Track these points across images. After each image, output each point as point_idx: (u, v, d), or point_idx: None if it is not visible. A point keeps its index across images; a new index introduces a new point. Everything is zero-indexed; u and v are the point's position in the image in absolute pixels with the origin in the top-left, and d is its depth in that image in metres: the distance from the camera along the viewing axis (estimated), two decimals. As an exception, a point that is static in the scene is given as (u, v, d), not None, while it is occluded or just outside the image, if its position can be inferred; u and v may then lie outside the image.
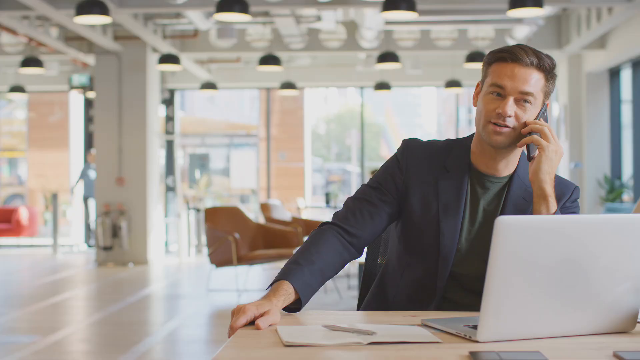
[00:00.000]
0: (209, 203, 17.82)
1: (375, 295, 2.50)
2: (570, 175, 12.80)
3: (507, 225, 1.73)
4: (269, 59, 12.02)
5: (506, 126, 2.23)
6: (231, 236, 8.90)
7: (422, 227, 2.34)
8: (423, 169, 2.37)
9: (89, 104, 15.45)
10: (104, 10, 8.21)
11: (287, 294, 2.08)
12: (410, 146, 2.42)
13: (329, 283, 9.66)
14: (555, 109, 14.11)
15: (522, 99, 2.23)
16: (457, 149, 2.40)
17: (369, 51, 12.68)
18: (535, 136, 2.22)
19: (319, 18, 11.17)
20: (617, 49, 11.34)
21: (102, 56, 12.56)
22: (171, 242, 15.07)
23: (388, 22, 11.28)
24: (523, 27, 11.33)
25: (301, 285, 2.12)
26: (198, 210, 14.00)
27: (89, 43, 12.55)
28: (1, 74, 15.07)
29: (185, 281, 11.12)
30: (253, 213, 16.28)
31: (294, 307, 2.13)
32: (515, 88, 2.22)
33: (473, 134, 2.39)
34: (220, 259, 9.06)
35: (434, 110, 36.97)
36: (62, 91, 15.90)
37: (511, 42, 11.89)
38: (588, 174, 12.77)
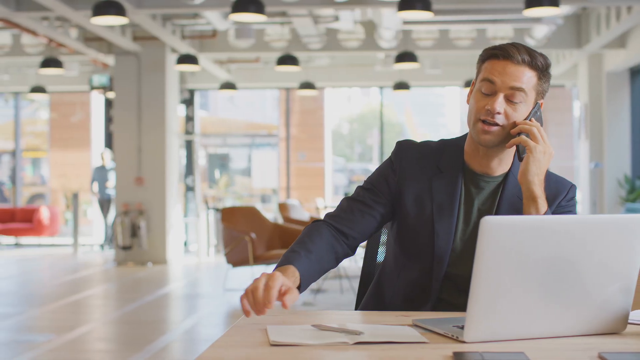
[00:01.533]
0: (229, 203, 17.86)
1: (372, 295, 2.50)
2: (590, 175, 12.73)
3: (492, 226, 1.72)
4: (287, 59, 12.03)
5: (495, 124, 2.22)
6: (247, 236, 8.92)
7: (417, 228, 2.33)
8: (417, 170, 2.36)
9: (109, 104, 15.53)
10: (120, 11, 8.26)
11: (295, 277, 2.06)
12: (403, 148, 2.41)
13: (345, 283, 9.66)
14: (576, 108, 14.03)
15: (513, 95, 2.21)
16: (450, 149, 2.39)
17: (387, 51, 12.66)
18: (523, 137, 2.20)
19: (336, 18, 11.17)
20: (637, 48, 11.26)
21: (121, 57, 12.63)
22: (191, 242, 15.12)
23: (406, 22, 11.26)
24: (542, 26, 11.26)
25: (304, 272, 2.09)
26: (217, 210, 14.04)
27: (108, 44, 12.63)
28: (22, 75, 15.20)
29: (203, 281, 11.16)
30: (273, 213, 16.30)
31: None
32: (506, 84, 2.21)
33: (467, 133, 2.38)
34: (236, 258, 9.08)
35: (457, 110, 36.81)
36: (83, 91, 16.02)
37: (531, 42, 11.84)
38: (608, 174, 12.69)
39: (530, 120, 2.23)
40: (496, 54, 2.25)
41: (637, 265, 1.86)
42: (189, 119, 15.59)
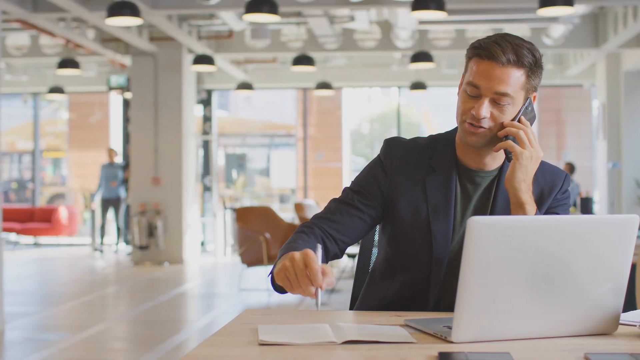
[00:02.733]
0: (246, 203, 17.89)
1: (365, 298, 2.44)
2: (608, 175, 12.65)
3: (480, 226, 1.71)
4: (303, 59, 12.04)
5: (481, 127, 2.14)
6: (262, 236, 8.94)
7: (413, 231, 2.25)
8: (408, 169, 2.28)
9: (127, 104, 15.58)
10: (135, 12, 8.29)
11: None
12: (393, 146, 2.33)
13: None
14: (594, 108, 13.96)
15: (499, 99, 2.12)
16: (442, 145, 2.30)
17: (404, 51, 12.65)
18: (509, 142, 2.13)
19: (352, 18, 11.16)
20: (655, 48, 11.19)
21: (138, 57, 12.69)
22: (208, 242, 15.17)
23: (422, 22, 11.24)
24: (559, 25, 11.21)
25: None
26: (234, 210, 14.05)
27: (125, 44, 12.69)
28: (41, 75, 15.29)
29: (219, 280, 11.19)
30: (292, 213, 16.30)
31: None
32: (490, 89, 2.11)
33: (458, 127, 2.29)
34: (251, 258, 9.11)
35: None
36: (102, 92, 16.10)
37: (548, 42, 11.78)
38: (626, 174, 12.61)
39: (519, 119, 2.16)
40: (480, 53, 2.13)
41: (628, 265, 1.84)
42: (207, 119, 15.63)
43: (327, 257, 2.23)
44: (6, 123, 21.06)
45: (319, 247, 1.95)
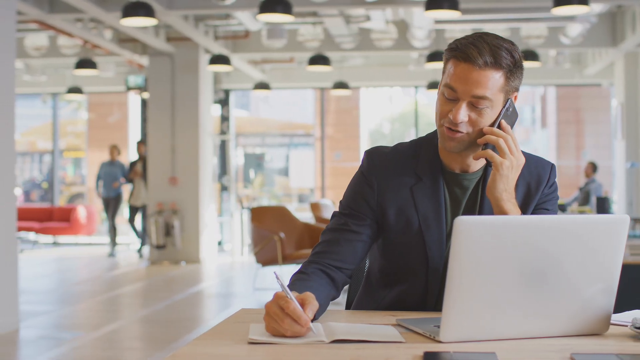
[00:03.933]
0: (264, 202, 17.91)
1: (361, 305, 2.42)
2: (627, 175, 12.57)
3: (467, 226, 1.71)
4: (319, 59, 12.05)
5: (459, 131, 2.09)
6: (276, 235, 8.95)
7: (406, 242, 2.21)
8: (394, 180, 2.22)
9: (145, 104, 15.63)
10: (149, 12, 8.33)
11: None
12: (374, 158, 2.26)
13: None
14: (612, 107, 13.87)
15: (477, 102, 2.06)
16: (425, 150, 2.25)
17: (420, 50, 12.62)
18: (489, 151, 2.07)
19: (368, 18, 11.15)
20: (673, 47, 11.10)
21: (155, 57, 12.74)
22: (226, 242, 15.20)
23: (438, 21, 11.21)
24: (576, 25, 11.15)
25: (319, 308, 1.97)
26: (250, 209, 14.06)
27: (142, 45, 12.74)
28: (60, 76, 15.39)
29: (235, 279, 11.22)
30: (309, 212, 16.28)
31: None
32: (468, 92, 2.05)
33: None
34: (265, 258, 9.12)
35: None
36: (120, 92, 16.18)
37: (565, 41, 11.71)
38: (645, 174, 12.54)
39: (500, 122, 2.10)
40: (456, 55, 2.06)
41: (619, 265, 1.83)
42: (224, 119, 15.66)
43: (338, 288, 2.18)
44: (26, 123, 21.23)
45: (314, 285, 2.00)
